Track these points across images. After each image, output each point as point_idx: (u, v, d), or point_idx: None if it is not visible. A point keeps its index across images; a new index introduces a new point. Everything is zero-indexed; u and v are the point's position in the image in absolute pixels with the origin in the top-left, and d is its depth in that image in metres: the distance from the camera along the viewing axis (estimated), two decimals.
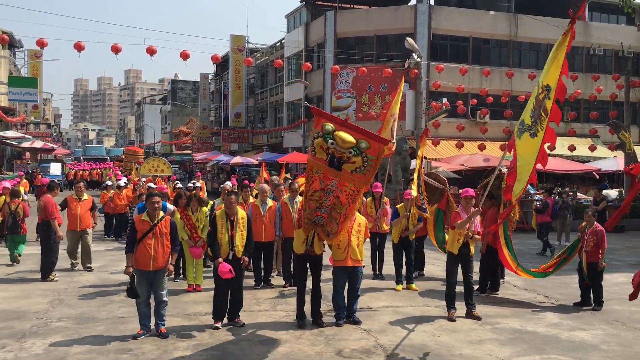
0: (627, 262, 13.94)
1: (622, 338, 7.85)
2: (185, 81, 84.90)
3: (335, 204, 7.40)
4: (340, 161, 6.91)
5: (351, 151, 6.85)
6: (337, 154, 6.88)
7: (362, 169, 6.96)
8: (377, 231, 11.30)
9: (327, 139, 6.84)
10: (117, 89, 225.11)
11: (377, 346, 7.29)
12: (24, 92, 35.07)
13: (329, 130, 6.84)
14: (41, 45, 20.18)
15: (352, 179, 7.05)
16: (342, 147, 6.81)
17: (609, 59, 36.29)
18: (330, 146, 6.85)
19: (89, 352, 6.85)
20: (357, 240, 8.17)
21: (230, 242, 7.87)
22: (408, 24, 32.32)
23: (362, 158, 6.91)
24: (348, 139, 6.81)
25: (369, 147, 6.91)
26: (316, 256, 8.21)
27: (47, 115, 70.54)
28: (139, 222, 7.56)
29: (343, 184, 7.17)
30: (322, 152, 6.96)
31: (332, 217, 7.54)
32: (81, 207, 11.77)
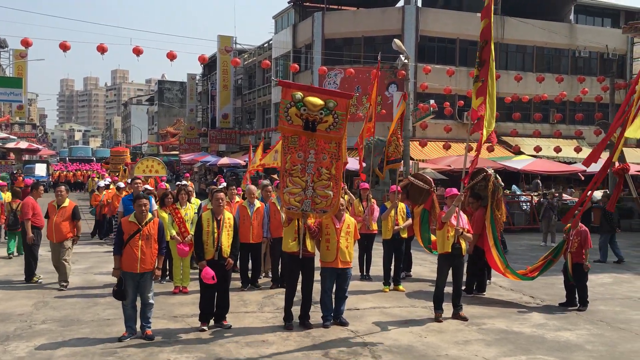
0: (612, 263, 14.06)
1: (606, 338, 7.92)
2: (172, 82, 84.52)
3: (321, 175, 7.70)
4: (315, 123, 7.47)
5: (322, 112, 7.45)
6: (310, 117, 7.44)
7: (335, 125, 7.54)
8: (366, 232, 11.26)
9: (299, 106, 7.43)
10: (103, 89, 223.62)
11: (364, 347, 7.29)
12: (9, 92, 34.66)
13: (299, 98, 7.43)
14: (26, 44, 20.02)
15: (329, 136, 7.59)
16: (314, 110, 7.42)
17: (594, 61, 36.65)
18: (303, 112, 7.43)
19: (74, 354, 6.79)
20: (347, 242, 8.15)
21: (216, 242, 7.85)
22: (395, 26, 32.44)
23: (333, 116, 7.51)
24: (317, 102, 7.44)
25: (337, 104, 7.53)
26: (310, 258, 8.15)
27: (32, 116, 69.93)
28: (126, 223, 7.50)
29: (322, 149, 7.66)
30: (297, 119, 7.49)
31: (318, 192, 7.73)
32: (57, 216, 10.10)
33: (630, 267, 13.54)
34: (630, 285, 11.55)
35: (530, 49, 35.35)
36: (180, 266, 10.11)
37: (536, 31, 33.98)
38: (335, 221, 8.17)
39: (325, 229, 8.16)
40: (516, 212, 20.61)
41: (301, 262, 8.08)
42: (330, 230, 8.13)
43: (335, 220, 8.18)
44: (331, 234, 8.11)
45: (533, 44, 34.89)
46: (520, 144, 32.23)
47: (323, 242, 8.19)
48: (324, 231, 8.18)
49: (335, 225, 8.15)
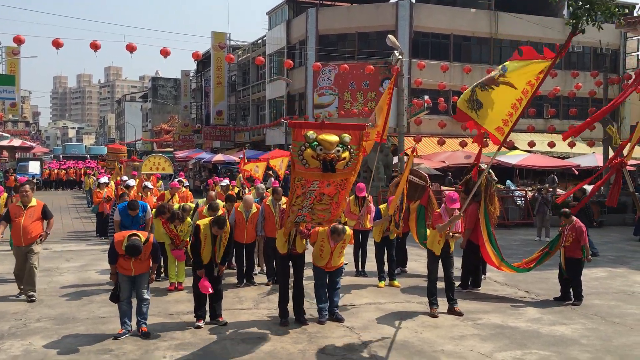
0: (606, 257, 14.13)
1: (601, 332, 7.95)
2: (166, 78, 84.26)
3: (322, 200, 7.51)
4: (333, 162, 6.98)
5: (339, 149, 6.96)
6: (328, 157, 6.94)
7: (351, 160, 7.15)
8: (360, 229, 11.31)
9: (314, 146, 6.91)
10: (96, 86, 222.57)
11: (360, 343, 7.30)
12: (1, 89, 34.53)
13: (313, 138, 6.92)
14: (18, 42, 19.92)
15: (345, 173, 7.21)
16: (331, 149, 6.92)
17: (587, 56, 36.75)
18: (319, 152, 6.91)
19: (69, 352, 6.77)
20: (340, 252, 8.27)
21: (212, 254, 7.99)
22: (389, 21, 32.42)
23: (349, 151, 7.07)
24: (333, 139, 6.94)
25: (351, 138, 7.10)
26: (298, 254, 8.22)
27: (25, 113, 69.63)
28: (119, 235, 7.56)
29: (327, 179, 7.24)
30: (314, 161, 6.97)
31: (316, 211, 7.63)
32: (26, 217, 9.27)
33: (624, 262, 13.60)
34: (624, 279, 11.60)
35: (524, 44, 35.37)
36: (175, 263, 10.08)
37: (530, 26, 34.02)
38: (331, 242, 8.12)
39: (320, 241, 8.18)
40: (510, 207, 20.65)
41: (291, 258, 8.13)
42: (325, 245, 8.16)
43: (331, 241, 8.12)
44: (325, 246, 8.16)
45: (527, 39, 34.86)
46: (514, 139, 32.23)
47: (317, 247, 8.21)
48: (318, 243, 8.20)
49: (330, 244, 8.13)
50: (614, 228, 19.84)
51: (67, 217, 22.36)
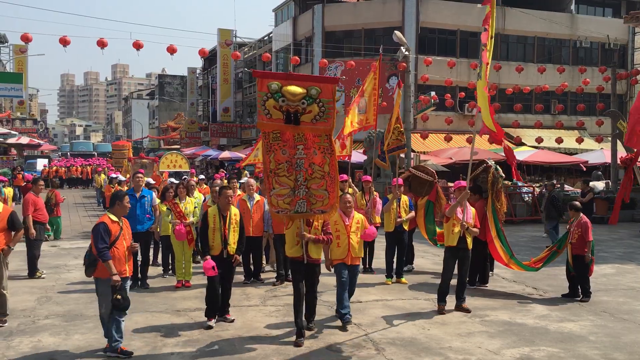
0: (615, 254, 14.06)
1: (609, 329, 7.91)
2: (172, 76, 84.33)
3: (313, 172, 6.95)
4: (297, 115, 6.60)
5: (304, 101, 6.56)
6: (291, 108, 6.57)
7: (322, 115, 6.65)
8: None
9: (277, 97, 6.54)
10: (103, 84, 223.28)
11: (367, 340, 7.30)
12: (9, 87, 34.66)
13: (275, 89, 6.55)
14: (26, 40, 19.98)
15: (316, 129, 6.73)
16: (294, 100, 6.53)
17: (595, 51, 36.51)
18: (282, 104, 6.54)
19: (77, 349, 6.80)
20: (357, 237, 7.92)
21: (223, 239, 7.73)
22: (396, 17, 32.32)
23: (318, 104, 6.61)
24: (297, 90, 6.54)
25: (320, 91, 6.61)
26: (314, 264, 7.48)
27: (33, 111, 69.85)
28: (111, 223, 6.69)
29: (312, 143, 6.83)
30: (277, 112, 6.61)
31: (312, 192, 7.03)
32: None
33: (633, 258, 13.53)
34: (633, 276, 11.53)
35: (531, 40, 35.23)
36: (182, 260, 10.11)
37: (537, 22, 33.83)
38: (345, 218, 7.92)
39: (334, 225, 7.79)
40: (518, 203, 20.58)
41: (305, 267, 7.39)
42: (340, 227, 7.85)
43: (344, 216, 7.92)
44: (341, 230, 7.84)
45: (534, 34, 34.75)
46: (521, 135, 32.19)
47: (333, 240, 7.76)
48: (333, 228, 7.75)
49: (344, 222, 7.90)
50: (622, 224, 19.73)
51: (75, 214, 22.43)
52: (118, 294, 6.49)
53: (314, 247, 7.39)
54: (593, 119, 30.55)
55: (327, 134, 6.81)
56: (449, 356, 6.76)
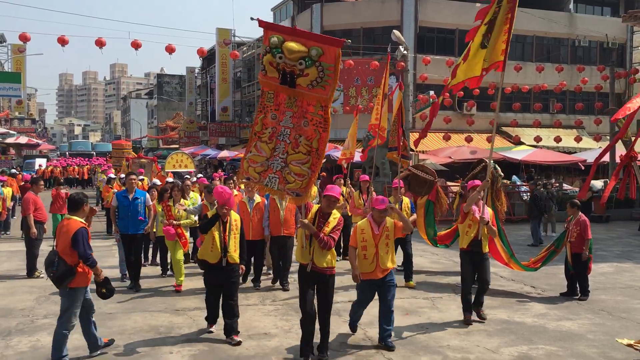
0: (613, 252, 14.07)
1: (608, 327, 7.93)
2: (171, 75, 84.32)
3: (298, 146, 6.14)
4: (293, 76, 5.86)
5: (302, 62, 5.80)
6: (288, 68, 5.84)
7: (319, 81, 5.85)
8: None
9: (275, 53, 5.84)
10: (102, 83, 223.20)
11: (365, 339, 7.30)
12: (8, 87, 34.71)
13: (275, 43, 5.84)
14: (24, 39, 19.95)
15: (312, 96, 5.95)
16: (292, 59, 5.80)
17: (594, 50, 36.53)
18: (279, 60, 5.84)
19: (76, 349, 6.79)
20: (387, 247, 6.84)
21: (222, 246, 7.11)
22: (395, 17, 32.32)
23: (317, 68, 5.83)
24: (296, 48, 5.79)
25: (322, 53, 5.82)
26: (323, 274, 6.39)
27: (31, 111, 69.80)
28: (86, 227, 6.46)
29: (304, 112, 6.05)
30: (272, 70, 5.93)
31: (291, 168, 6.19)
32: None
33: (631, 257, 13.55)
34: (631, 274, 11.55)
35: (530, 39, 35.23)
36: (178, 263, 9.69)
37: (535, 21, 33.82)
38: (374, 226, 6.87)
39: (360, 234, 6.88)
40: (516, 202, 20.59)
41: (310, 276, 6.42)
42: (367, 236, 6.84)
43: (374, 224, 6.88)
44: (368, 240, 6.81)
45: (532, 33, 34.74)
46: (520, 134, 32.21)
47: (359, 251, 6.87)
48: (358, 237, 6.88)
49: (373, 230, 6.86)
50: (620, 223, 19.77)
51: None
52: (103, 288, 6.55)
53: (321, 252, 6.37)
54: (591, 117, 30.49)
55: (322, 104, 5.99)
56: (447, 355, 6.76)
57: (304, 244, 6.40)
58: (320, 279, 6.41)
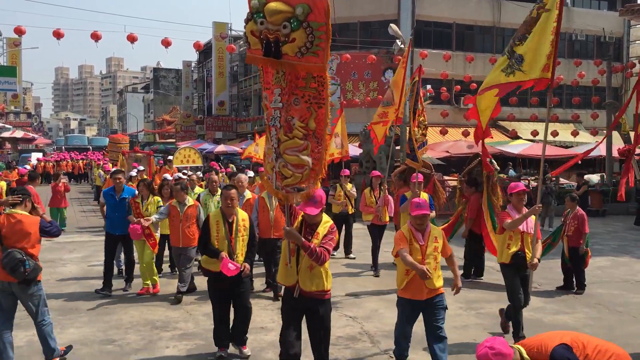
0: (609, 246, 14.11)
1: (604, 321, 7.94)
2: (167, 69, 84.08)
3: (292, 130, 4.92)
4: (278, 44, 4.62)
5: (286, 25, 4.55)
6: (271, 34, 4.62)
7: (309, 46, 4.60)
8: (379, 223, 10.68)
9: (257, 19, 4.63)
10: (98, 77, 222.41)
11: (362, 333, 7.30)
12: (3, 81, 34.53)
13: (257, 6, 4.63)
14: (19, 33, 19.87)
15: (302, 66, 4.70)
16: (274, 22, 4.57)
17: (590, 44, 36.54)
18: (260, 27, 4.61)
19: (73, 343, 6.78)
20: (435, 262, 5.72)
21: (229, 250, 6.29)
22: (392, 11, 32.25)
23: (305, 30, 4.56)
24: (279, 7, 4.55)
25: (310, 10, 4.56)
26: (314, 299, 5.15)
27: (27, 105, 69.65)
28: None
29: (294, 87, 4.88)
30: (254, 40, 4.75)
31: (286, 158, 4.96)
32: None
33: (627, 251, 13.58)
34: (627, 268, 11.58)
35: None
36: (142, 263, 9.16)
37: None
38: (418, 235, 5.73)
39: (400, 244, 5.73)
40: None
41: (302, 303, 5.16)
42: (412, 248, 5.70)
43: (417, 233, 5.73)
44: (414, 253, 5.68)
45: None
46: (517, 128, 32.21)
47: (401, 264, 5.72)
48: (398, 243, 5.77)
49: (418, 241, 5.72)
50: (617, 217, 19.82)
51: (70, 209, 22.32)
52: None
53: (309, 271, 5.12)
54: (588, 112, 30.54)
55: (315, 75, 4.80)
56: None
57: (288, 260, 5.16)
58: (310, 307, 5.15)
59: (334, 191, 12.19)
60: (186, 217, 8.67)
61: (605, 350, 3.77)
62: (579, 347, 3.74)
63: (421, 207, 5.68)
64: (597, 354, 3.73)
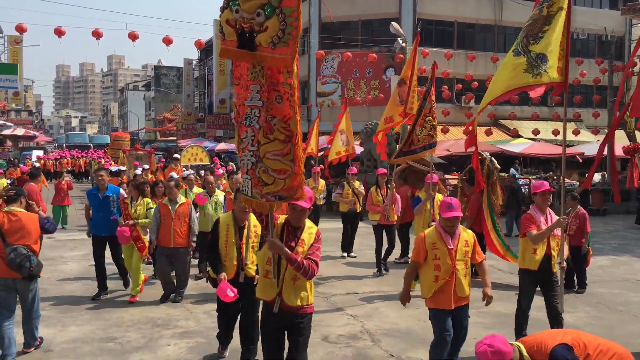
0: (610, 245, 14.10)
1: (605, 320, 7.94)
2: (169, 67, 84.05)
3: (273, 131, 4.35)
4: (252, 34, 4.18)
5: (260, 12, 4.14)
6: (245, 23, 4.19)
7: (281, 35, 4.12)
8: (385, 222, 10.37)
9: (232, 6, 4.24)
10: (99, 75, 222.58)
11: (363, 331, 7.31)
12: (4, 78, 34.54)
13: None
14: (21, 30, 19.84)
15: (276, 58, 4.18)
16: (248, 10, 4.18)
17: (592, 43, 36.48)
18: (236, 16, 4.21)
19: (73, 341, 6.80)
20: (465, 267, 5.46)
21: (239, 258, 5.98)
22: (393, 9, 32.21)
23: (278, 17, 4.13)
24: None
25: None
26: (295, 314, 4.69)
27: (28, 102, 69.67)
28: None
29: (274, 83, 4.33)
30: (229, 30, 4.27)
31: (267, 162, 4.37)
32: None
33: (628, 250, 13.58)
34: (628, 267, 11.58)
35: None
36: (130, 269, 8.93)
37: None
38: (447, 238, 5.36)
39: (431, 249, 5.36)
40: None
41: (283, 318, 4.68)
42: (440, 252, 5.34)
43: (446, 236, 5.36)
44: (442, 258, 5.34)
45: None
46: (518, 127, 32.19)
47: (429, 271, 5.38)
48: (430, 253, 5.36)
49: (447, 244, 5.35)
50: (617, 216, 19.81)
51: (72, 208, 22.32)
52: None
53: (293, 284, 4.65)
54: (590, 110, 30.50)
55: (289, 70, 4.28)
56: None
57: (266, 270, 4.70)
58: (292, 322, 4.70)
59: (341, 189, 12.06)
60: (178, 215, 8.33)
61: (607, 349, 3.76)
62: (579, 346, 3.73)
63: (453, 209, 5.28)
64: (599, 354, 3.71)
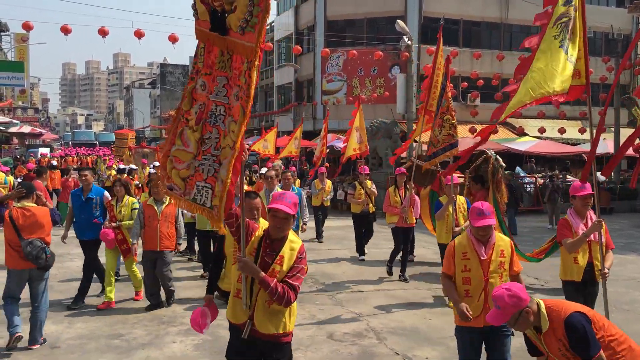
0: (616, 244, 13.99)
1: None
2: (174, 65, 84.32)
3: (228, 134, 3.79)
4: (224, 15, 3.68)
5: None
6: (216, 1, 3.69)
7: (248, 18, 3.60)
8: (403, 225, 9.94)
9: None
10: (105, 73, 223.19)
11: (368, 329, 7.32)
12: (11, 76, 34.64)
13: None
14: (27, 28, 19.90)
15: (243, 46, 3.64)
16: None
17: (599, 41, 36.33)
18: None
19: (80, 337, 6.83)
20: (501, 280, 4.67)
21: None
22: (399, 7, 32.16)
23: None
24: None
25: None
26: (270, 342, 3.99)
27: (34, 100, 69.86)
28: None
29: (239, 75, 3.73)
30: (202, 9, 3.80)
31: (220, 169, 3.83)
32: None
33: (634, 248, 13.54)
34: (634, 266, 11.54)
35: (535, 30, 34.80)
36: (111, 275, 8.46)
37: (539, 11, 33.64)
38: (479, 247, 4.66)
39: (461, 259, 4.67)
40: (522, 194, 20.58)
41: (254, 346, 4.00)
42: (471, 263, 4.66)
43: (479, 245, 4.67)
44: (472, 270, 4.65)
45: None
46: (524, 125, 32.08)
47: (458, 283, 4.68)
48: (458, 264, 4.67)
49: (478, 254, 4.65)
50: (623, 215, 19.74)
51: None
52: None
53: (267, 307, 3.92)
54: (596, 109, 30.38)
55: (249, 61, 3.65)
56: (450, 345, 6.76)
57: (237, 289, 4.03)
58: (264, 353, 4.00)
59: (353, 190, 11.96)
60: (164, 216, 7.97)
61: (623, 340, 3.77)
62: (598, 323, 3.75)
63: (485, 216, 4.58)
64: (613, 340, 3.72)
